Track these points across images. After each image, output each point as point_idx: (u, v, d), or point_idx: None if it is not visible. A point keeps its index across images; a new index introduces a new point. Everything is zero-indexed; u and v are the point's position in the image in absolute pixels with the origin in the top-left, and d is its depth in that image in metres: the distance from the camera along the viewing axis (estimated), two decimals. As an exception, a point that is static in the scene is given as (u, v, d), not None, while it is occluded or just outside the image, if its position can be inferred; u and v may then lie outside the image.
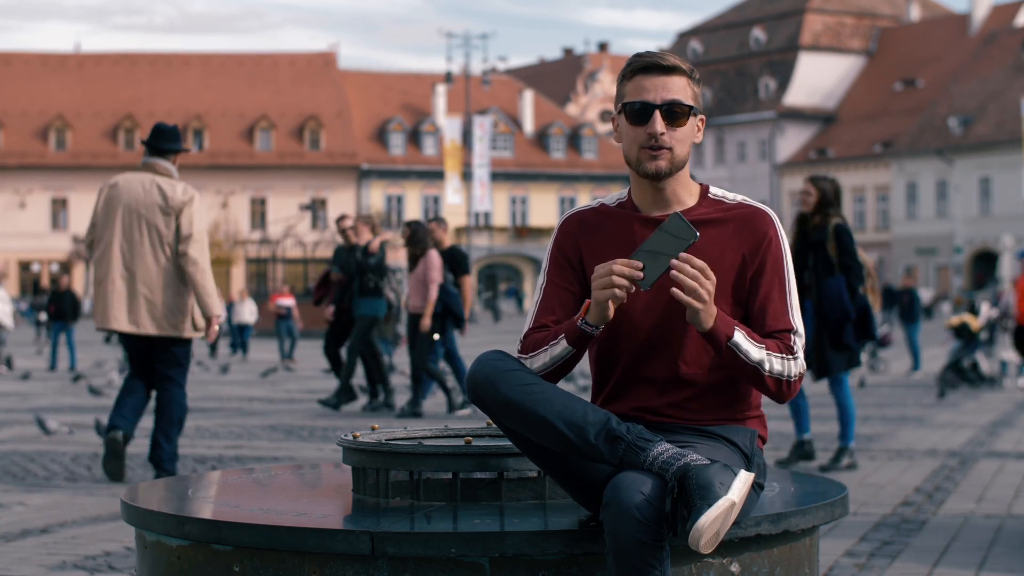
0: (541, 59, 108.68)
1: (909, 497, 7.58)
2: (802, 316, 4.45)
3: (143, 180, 7.86)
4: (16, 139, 70.81)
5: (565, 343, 3.14)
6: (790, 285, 3.21)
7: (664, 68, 3.18)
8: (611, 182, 75.71)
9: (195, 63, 75.73)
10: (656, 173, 3.19)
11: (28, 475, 8.43)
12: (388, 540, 2.99)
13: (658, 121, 3.16)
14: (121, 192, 7.85)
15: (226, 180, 70.54)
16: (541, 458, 3.18)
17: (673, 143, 3.18)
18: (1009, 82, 71.82)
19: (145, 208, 7.78)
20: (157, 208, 7.77)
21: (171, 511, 3.27)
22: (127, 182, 7.87)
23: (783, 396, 3.14)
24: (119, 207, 7.82)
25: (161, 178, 7.86)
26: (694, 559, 3.08)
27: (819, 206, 8.91)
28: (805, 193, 8.95)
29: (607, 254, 3.23)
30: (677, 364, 3.20)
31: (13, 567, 5.52)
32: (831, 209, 8.91)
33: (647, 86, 3.17)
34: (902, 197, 74.69)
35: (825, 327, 8.76)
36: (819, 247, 8.83)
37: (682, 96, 3.18)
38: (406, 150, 74.08)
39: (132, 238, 7.78)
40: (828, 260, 8.81)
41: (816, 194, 8.90)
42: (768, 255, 3.20)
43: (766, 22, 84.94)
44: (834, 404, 9.05)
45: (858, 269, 8.79)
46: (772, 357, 3.10)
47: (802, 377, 3.16)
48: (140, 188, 7.82)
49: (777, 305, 3.18)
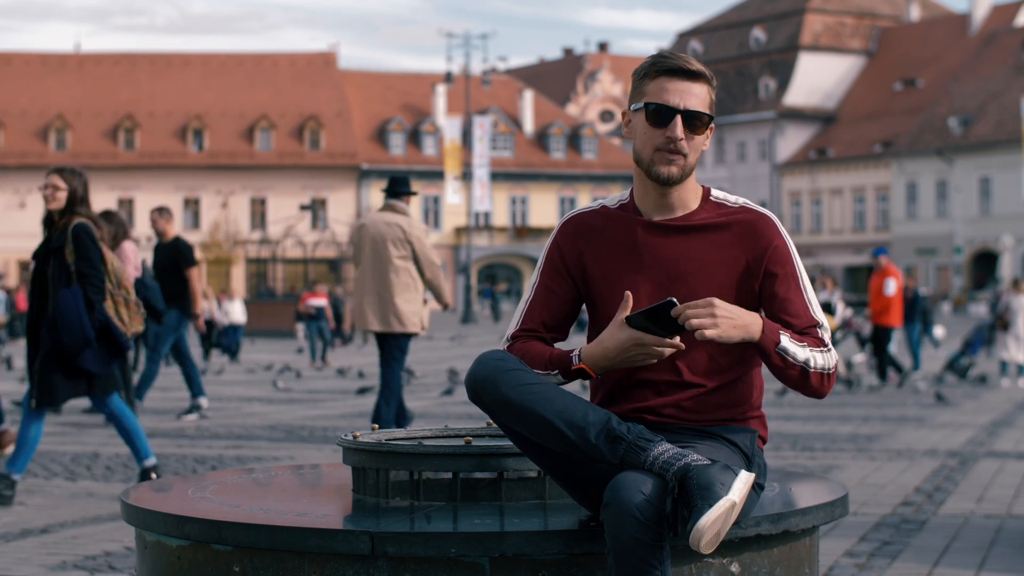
0: (541, 59, 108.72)
1: (909, 497, 7.59)
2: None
3: (385, 217, 9.93)
4: (16, 139, 70.80)
5: (560, 377, 3.18)
6: (804, 283, 3.22)
7: (690, 74, 3.17)
8: (611, 182, 75.72)
9: (195, 63, 75.74)
10: (668, 178, 3.19)
11: (28, 475, 8.43)
12: (388, 540, 2.99)
13: (679, 126, 3.15)
14: (368, 228, 9.97)
15: (226, 180, 70.54)
16: (541, 458, 3.18)
17: (689, 150, 3.18)
18: (1009, 82, 71.82)
19: (387, 240, 9.87)
20: (397, 240, 9.86)
21: (171, 511, 3.27)
22: (373, 221, 10.01)
23: (824, 390, 3.17)
24: (368, 239, 9.93)
25: (399, 216, 9.94)
26: (694, 559, 3.08)
27: (68, 204, 7.47)
28: (52, 188, 7.42)
29: (609, 258, 3.23)
30: (677, 366, 3.20)
31: (13, 567, 5.52)
32: (80, 208, 7.47)
33: (671, 89, 3.16)
34: (902, 197, 74.70)
35: (57, 348, 7.29)
36: (59, 252, 7.42)
37: (704, 105, 3.18)
38: (406, 150, 74.09)
39: (381, 262, 9.89)
40: (66, 267, 7.39)
41: (65, 189, 7.45)
42: (776, 260, 3.20)
43: (766, 22, 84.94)
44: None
45: (97, 279, 7.37)
46: (814, 353, 3.14)
47: (838, 368, 3.19)
48: (384, 224, 9.89)
49: (797, 304, 3.19)
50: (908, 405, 14.56)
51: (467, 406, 13.64)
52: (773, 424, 11.56)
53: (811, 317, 3.19)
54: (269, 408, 14.05)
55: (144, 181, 70.02)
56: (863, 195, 77.03)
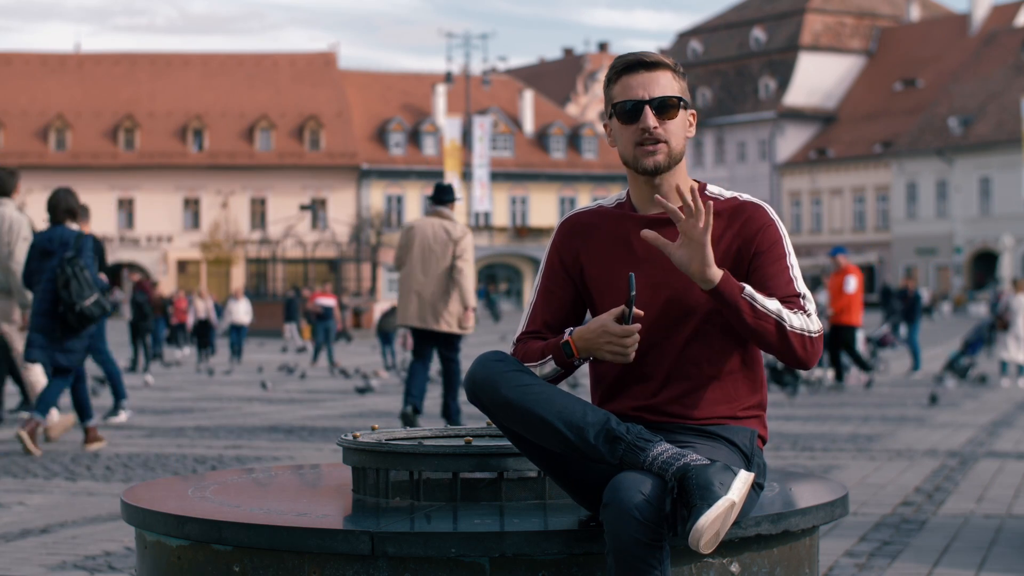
0: (541, 59, 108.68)
1: (909, 497, 7.58)
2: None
3: (432, 223, 10.87)
4: (16, 139, 70.80)
5: (553, 364, 3.17)
6: (791, 261, 3.20)
7: (648, 64, 3.19)
8: (611, 182, 75.72)
9: (195, 63, 75.73)
10: (655, 168, 3.19)
11: (28, 475, 8.43)
12: (388, 540, 2.99)
13: (649, 116, 3.17)
14: (416, 231, 10.85)
15: (226, 180, 70.53)
16: (541, 458, 3.18)
17: (668, 136, 3.18)
18: (1009, 82, 71.82)
19: (434, 242, 10.77)
20: (442, 241, 10.75)
21: (171, 511, 3.27)
22: (421, 224, 10.89)
23: (808, 355, 3.11)
24: (416, 241, 10.78)
25: (445, 220, 10.86)
26: (694, 559, 3.08)
27: None
28: None
29: (604, 255, 3.25)
30: (675, 361, 3.20)
31: (13, 567, 5.52)
32: None
33: (633, 84, 3.19)
34: (902, 197, 74.69)
35: None
36: None
37: (670, 90, 3.19)
38: (406, 150, 74.08)
39: (426, 263, 10.74)
40: None
41: None
42: (764, 239, 3.19)
43: (766, 22, 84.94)
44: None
45: None
46: (789, 311, 3.09)
47: (822, 336, 3.13)
48: (430, 228, 10.82)
49: (779, 278, 3.16)
50: (908, 405, 14.55)
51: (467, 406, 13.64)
52: (773, 424, 11.55)
53: (794, 289, 3.15)
54: (269, 408, 14.05)
55: (144, 181, 70.03)
56: (863, 195, 77.03)
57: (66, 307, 9.35)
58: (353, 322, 39.81)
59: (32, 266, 9.68)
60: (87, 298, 9.39)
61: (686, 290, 3.16)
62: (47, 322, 9.46)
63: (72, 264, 9.41)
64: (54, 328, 9.45)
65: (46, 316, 9.46)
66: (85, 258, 9.54)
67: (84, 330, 9.55)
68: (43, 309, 9.48)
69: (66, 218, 9.73)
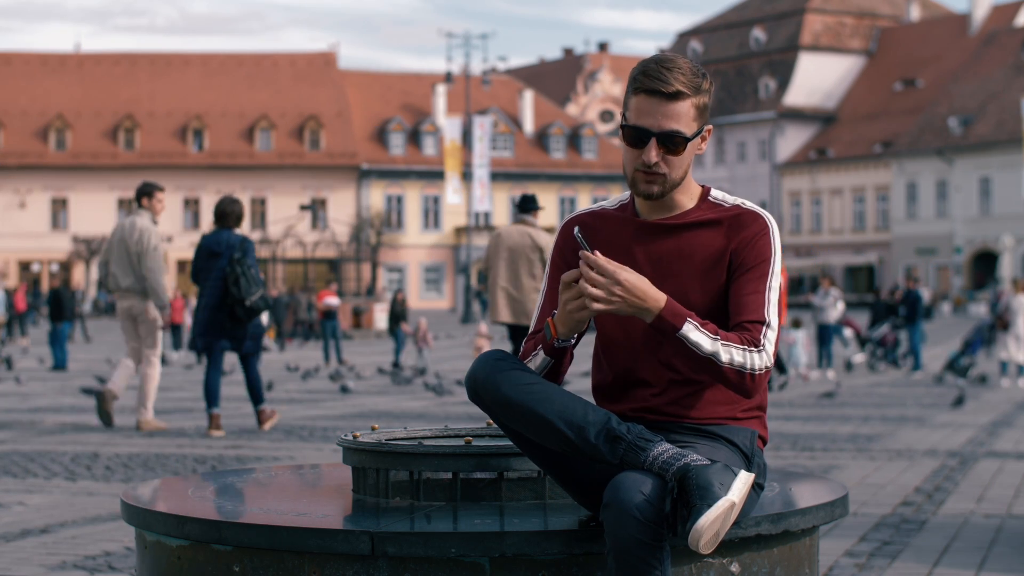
0: (541, 59, 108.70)
1: (909, 497, 7.58)
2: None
3: (518, 229, 11.57)
4: (16, 139, 70.81)
5: (543, 354, 3.16)
6: (771, 282, 3.16)
7: (666, 95, 3.11)
8: (611, 182, 75.73)
9: (195, 63, 75.75)
10: (648, 195, 3.18)
11: (28, 475, 8.43)
12: (388, 540, 2.99)
13: (653, 149, 3.12)
14: (503, 237, 11.55)
15: (226, 180, 70.52)
16: (541, 458, 3.18)
17: (668, 169, 3.15)
18: (1009, 82, 71.82)
19: (521, 247, 11.42)
20: (528, 247, 11.40)
21: (171, 511, 3.27)
22: (508, 231, 11.62)
23: (746, 389, 3.08)
24: (503, 247, 11.46)
25: (530, 228, 11.54)
26: (694, 559, 3.08)
27: None
28: None
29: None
30: (675, 363, 3.19)
31: (13, 567, 5.52)
32: None
33: (647, 109, 3.12)
34: (902, 197, 74.70)
35: None
36: None
37: (682, 124, 3.12)
38: (406, 150, 74.11)
39: (514, 267, 11.44)
40: None
41: None
42: (752, 251, 3.17)
43: (766, 22, 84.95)
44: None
45: None
46: (731, 348, 3.04)
47: (768, 372, 3.10)
48: (517, 234, 11.49)
49: (752, 298, 3.13)
50: (908, 405, 14.55)
51: (467, 406, 13.63)
52: (773, 424, 11.56)
53: (760, 314, 3.11)
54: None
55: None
56: (863, 195, 77.04)
57: (235, 301, 10.73)
58: (353, 322, 39.76)
59: (199, 264, 11.01)
60: (254, 294, 10.78)
61: (684, 294, 3.16)
62: (215, 315, 10.85)
63: (240, 264, 10.76)
64: (222, 320, 10.80)
65: (214, 310, 10.85)
66: (250, 258, 10.86)
67: (250, 321, 10.87)
68: (212, 303, 10.85)
69: (232, 224, 11.02)
